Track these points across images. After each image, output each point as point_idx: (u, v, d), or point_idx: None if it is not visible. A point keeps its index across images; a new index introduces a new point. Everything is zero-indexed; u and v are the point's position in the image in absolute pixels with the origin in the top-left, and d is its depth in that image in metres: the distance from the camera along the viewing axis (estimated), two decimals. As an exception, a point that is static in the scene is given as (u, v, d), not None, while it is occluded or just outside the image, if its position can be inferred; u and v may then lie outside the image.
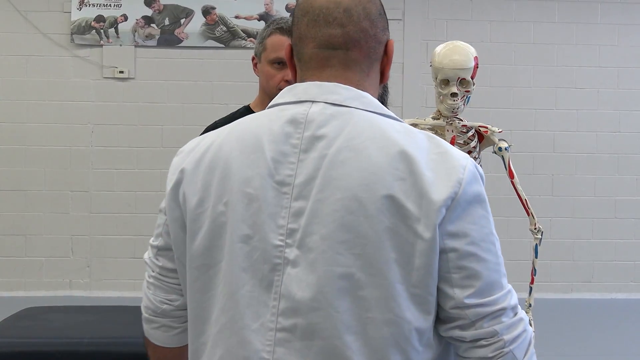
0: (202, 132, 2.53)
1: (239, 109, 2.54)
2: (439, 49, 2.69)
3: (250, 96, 2.56)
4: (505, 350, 1.11)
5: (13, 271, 5.69)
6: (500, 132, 2.73)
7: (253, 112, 2.50)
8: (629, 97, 5.90)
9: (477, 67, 2.66)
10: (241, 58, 5.28)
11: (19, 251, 5.70)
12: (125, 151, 5.71)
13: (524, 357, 1.13)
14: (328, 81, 1.20)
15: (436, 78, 2.66)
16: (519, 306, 1.15)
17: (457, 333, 1.13)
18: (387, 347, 1.09)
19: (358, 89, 1.20)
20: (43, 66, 5.68)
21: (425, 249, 1.08)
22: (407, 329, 1.09)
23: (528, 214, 2.72)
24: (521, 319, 1.14)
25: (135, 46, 5.70)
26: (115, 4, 5.66)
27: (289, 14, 5.64)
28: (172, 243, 1.26)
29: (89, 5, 5.64)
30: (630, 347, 4.55)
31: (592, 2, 5.85)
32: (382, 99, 1.31)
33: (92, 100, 5.70)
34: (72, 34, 5.65)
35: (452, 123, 2.67)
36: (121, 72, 5.68)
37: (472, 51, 2.66)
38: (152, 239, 1.32)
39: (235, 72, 5.46)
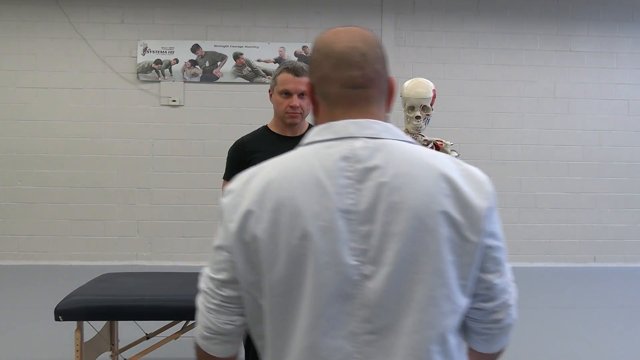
0: (232, 145, 2.50)
1: (259, 128, 2.52)
2: (406, 83, 2.67)
3: (268, 118, 2.53)
4: (510, 311, 1.09)
5: (95, 247, 5.66)
6: (451, 144, 2.71)
7: (271, 130, 2.46)
8: (546, 119, 5.87)
9: (435, 97, 2.65)
10: (261, 91, 5.25)
11: (99, 232, 5.67)
12: (177, 159, 5.67)
13: (515, 314, 1.12)
14: (357, 117, 1.07)
15: (404, 105, 2.65)
16: None
17: (480, 305, 1.08)
18: (450, 330, 1.03)
19: (379, 120, 1.09)
20: (116, 96, 5.64)
21: (472, 249, 1.02)
22: (462, 313, 1.05)
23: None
24: (514, 286, 1.10)
25: (184, 82, 5.66)
26: (169, 50, 5.63)
27: (297, 58, 5.62)
28: (239, 276, 1.07)
29: (150, 51, 5.62)
30: (545, 299, 4.56)
31: (517, 50, 5.83)
32: None
33: (152, 121, 5.67)
34: (137, 72, 5.62)
35: (416, 138, 2.65)
36: (174, 100, 5.65)
37: (431, 85, 2.65)
38: (211, 272, 1.11)
39: (257, 101, 5.42)
